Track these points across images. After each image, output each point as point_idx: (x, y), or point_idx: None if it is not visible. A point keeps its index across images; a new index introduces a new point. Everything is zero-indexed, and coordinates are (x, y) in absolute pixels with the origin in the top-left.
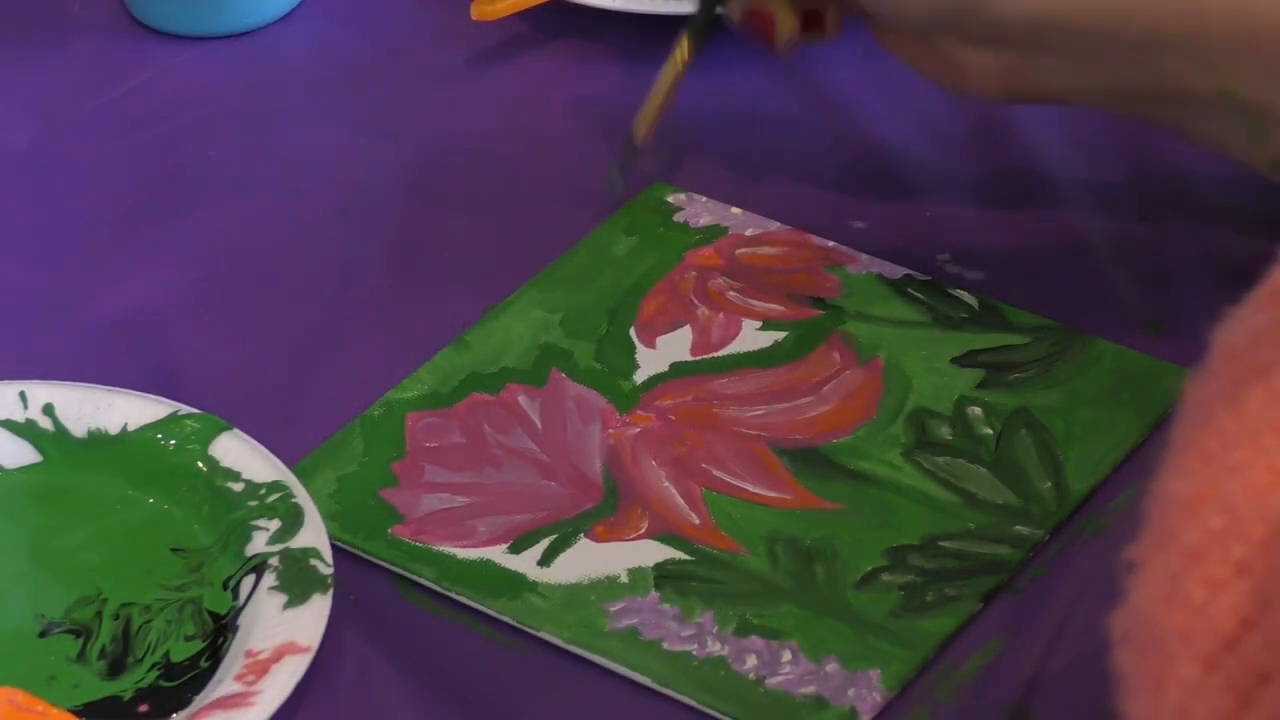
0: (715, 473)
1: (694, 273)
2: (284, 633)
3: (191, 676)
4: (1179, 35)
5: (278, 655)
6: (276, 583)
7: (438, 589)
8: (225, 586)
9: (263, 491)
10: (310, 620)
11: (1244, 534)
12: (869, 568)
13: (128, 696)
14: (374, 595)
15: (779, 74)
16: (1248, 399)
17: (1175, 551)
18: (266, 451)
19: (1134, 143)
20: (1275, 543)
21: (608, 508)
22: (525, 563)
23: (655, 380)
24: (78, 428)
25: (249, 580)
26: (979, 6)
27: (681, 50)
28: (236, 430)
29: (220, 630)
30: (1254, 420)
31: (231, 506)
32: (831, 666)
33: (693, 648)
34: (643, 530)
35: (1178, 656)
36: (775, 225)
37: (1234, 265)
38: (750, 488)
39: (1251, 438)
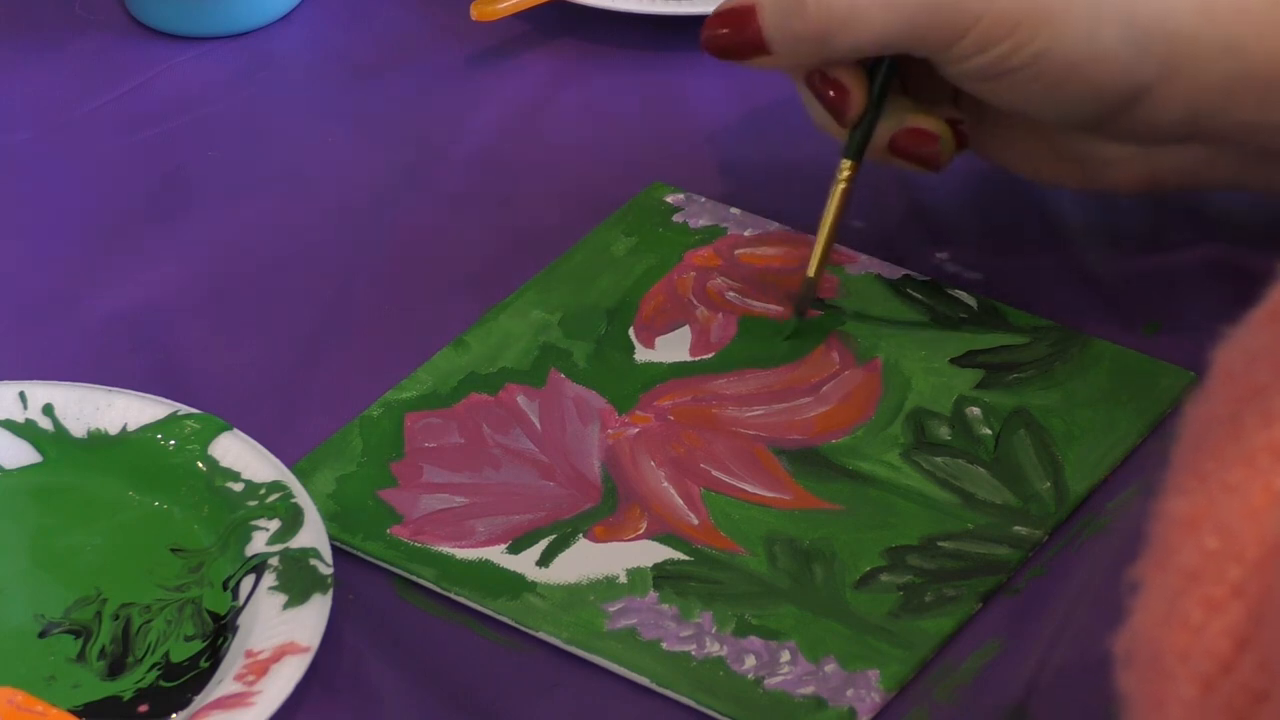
0: (714, 473)
1: (693, 273)
2: (284, 633)
3: (191, 676)
4: None
5: (278, 655)
6: (276, 583)
7: (437, 589)
8: (225, 587)
9: (262, 491)
10: (310, 620)
11: (1240, 555)
12: (868, 568)
13: (127, 697)
14: (373, 596)
15: (779, 73)
16: (1244, 419)
17: (1174, 571)
18: (266, 451)
19: None
20: (1270, 564)
21: (606, 508)
22: (524, 563)
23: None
24: (77, 428)
25: (249, 580)
26: (1139, 101)
27: (842, 174)
28: (236, 430)
29: (220, 630)
30: (1250, 440)
31: (231, 506)
32: (830, 667)
33: (691, 648)
34: (641, 530)
35: (1177, 677)
36: (774, 226)
37: (1232, 265)
38: (749, 488)
39: (1247, 458)
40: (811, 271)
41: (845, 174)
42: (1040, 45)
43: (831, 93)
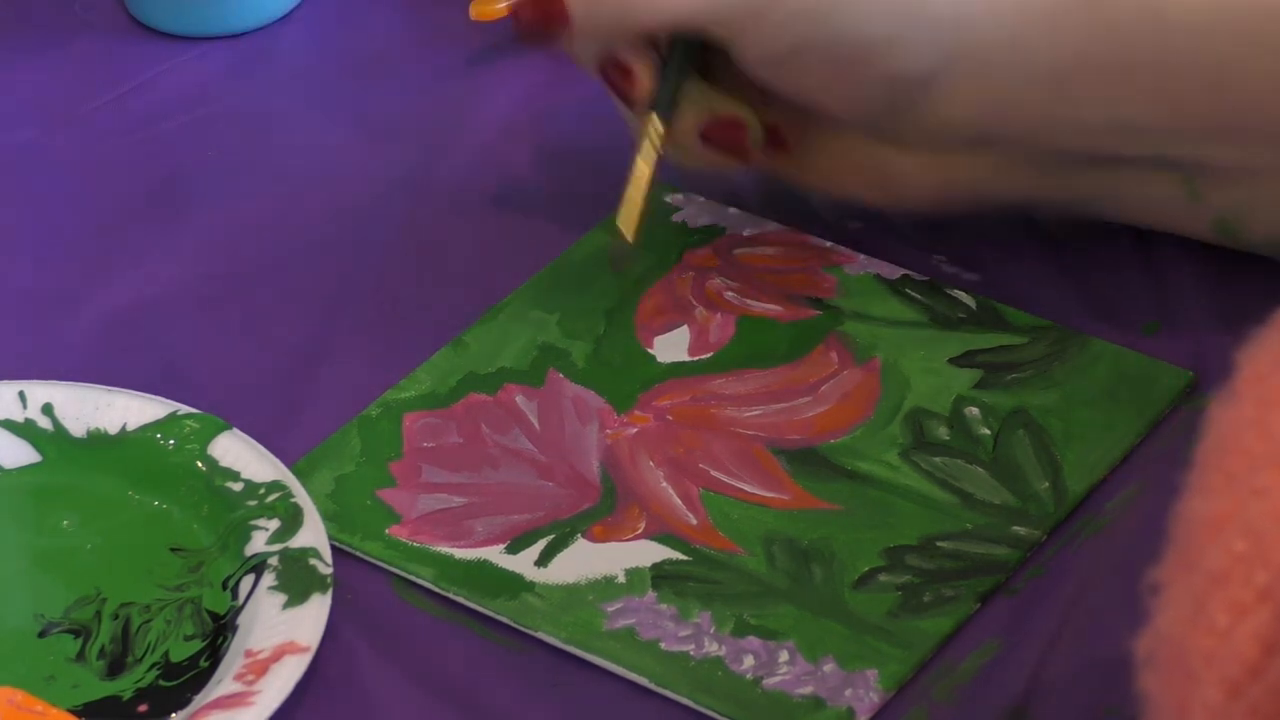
0: (713, 473)
1: (692, 273)
2: (283, 632)
3: (191, 676)
4: (1111, 112)
5: (277, 655)
6: (276, 582)
7: (435, 589)
8: (225, 586)
9: (262, 491)
10: (310, 620)
11: (1267, 558)
12: (866, 568)
13: (127, 696)
14: (372, 595)
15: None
16: (1273, 422)
17: (1199, 574)
18: (266, 451)
19: None
20: None
21: (605, 508)
22: (523, 563)
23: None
24: (77, 428)
25: (248, 580)
26: (927, 90)
27: (653, 130)
28: (235, 430)
29: (220, 630)
30: (1279, 443)
31: (231, 506)
32: (829, 667)
33: (690, 648)
34: (640, 530)
35: (1202, 680)
36: (773, 225)
37: (1231, 265)
38: (748, 488)
39: (1277, 461)
40: (625, 230)
41: (655, 129)
42: (836, 25)
43: (619, 78)
